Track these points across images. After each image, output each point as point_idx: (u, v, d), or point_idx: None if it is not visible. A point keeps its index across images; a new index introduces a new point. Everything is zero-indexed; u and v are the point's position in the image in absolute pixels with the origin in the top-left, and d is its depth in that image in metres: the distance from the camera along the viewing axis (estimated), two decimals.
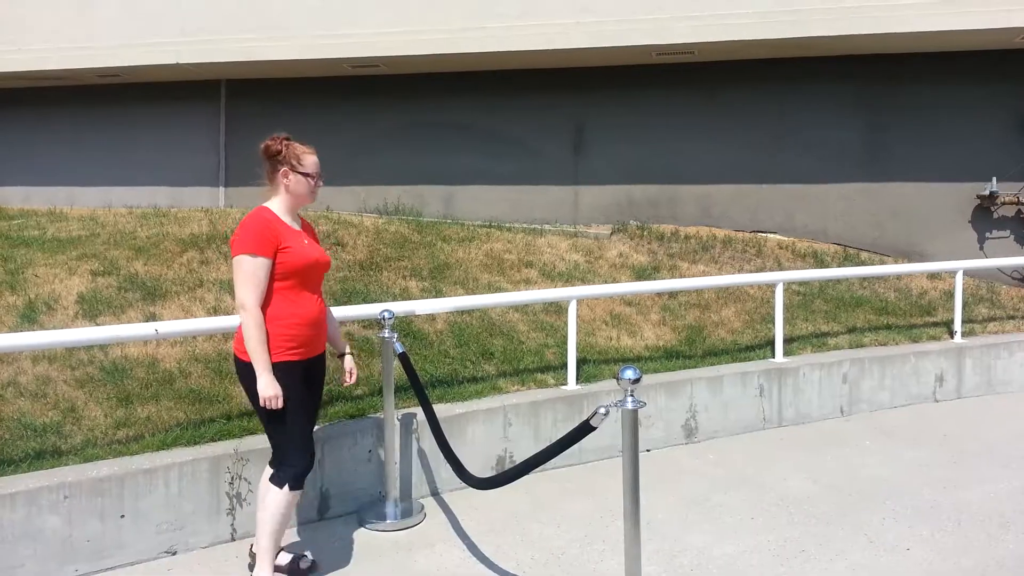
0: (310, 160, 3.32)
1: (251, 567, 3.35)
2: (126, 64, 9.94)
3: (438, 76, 10.24)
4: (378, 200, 10.33)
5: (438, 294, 6.16)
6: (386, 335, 4.11)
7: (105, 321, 5.11)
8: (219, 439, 4.04)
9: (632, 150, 9.84)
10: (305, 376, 3.25)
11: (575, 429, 2.92)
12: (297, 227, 3.33)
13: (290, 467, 3.21)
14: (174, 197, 11.01)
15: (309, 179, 3.31)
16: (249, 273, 3.08)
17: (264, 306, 3.14)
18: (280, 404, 3.08)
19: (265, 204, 3.32)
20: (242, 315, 3.08)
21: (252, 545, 3.48)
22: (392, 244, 7.04)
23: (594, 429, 2.85)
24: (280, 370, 3.14)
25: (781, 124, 9.49)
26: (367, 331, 5.46)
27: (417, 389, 3.91)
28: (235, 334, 3.25)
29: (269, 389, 3.08)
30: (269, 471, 3.31)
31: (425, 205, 10.22)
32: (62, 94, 11.33)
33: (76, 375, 4.48)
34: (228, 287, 5.75)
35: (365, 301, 5.79)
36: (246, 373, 3.16)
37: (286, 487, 3.21)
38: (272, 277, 3.15)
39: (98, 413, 4.18)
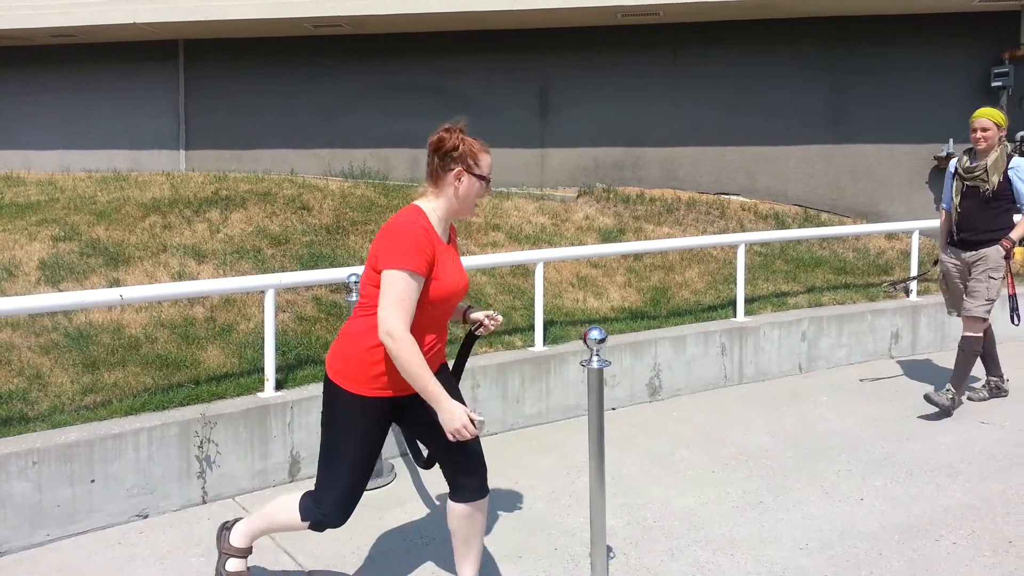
0: (487, 160, 2.71)
1: (227, 528, 2.98)
2: (80, 24, 9.69)
3: (402, 37, 10.13)
4: (343, 163, 10.26)
5: None
6: (353, 299, 4.13)
7: (68, 287, 5.06)
8: (187, 403, 4.06)
9: (598, 113, 9.85)
10: (390, 415, 2.74)
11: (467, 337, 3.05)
12: (446, 239, 2.74)
13: (320, 512, 2.71)
14: (133, 160, 10.82)
15: (483, 183, 2.71)
16: (403, 293, 2.49)
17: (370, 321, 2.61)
18: (469, 430, 2.51)
19: (419, 204, 2.68)
20: (388, 343, 2.48)
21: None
22: (359, 208, 7.02)
23: (476, 339, 3.02)
24: (354, 405, 2.64)
25: (744, 87, 9.56)
26: (335, 295, 5.47)
27: None
28: (332, 348, 2.72)
29: (456, 419, 2.49)
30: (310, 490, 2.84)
31: (391, 168, 10.17)
32: (15, 55, 11.01)
33: (40, 342, 4.45)
34: (192, 252, 5.72)
35: (332, 265, 5.79)
36: (332, 395, 2.68)
37: (306, 523, 2.74)
38: None
39: (64, 379, 4.17)
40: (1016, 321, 5.21)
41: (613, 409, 5.34)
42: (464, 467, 2.79)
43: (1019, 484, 4.06)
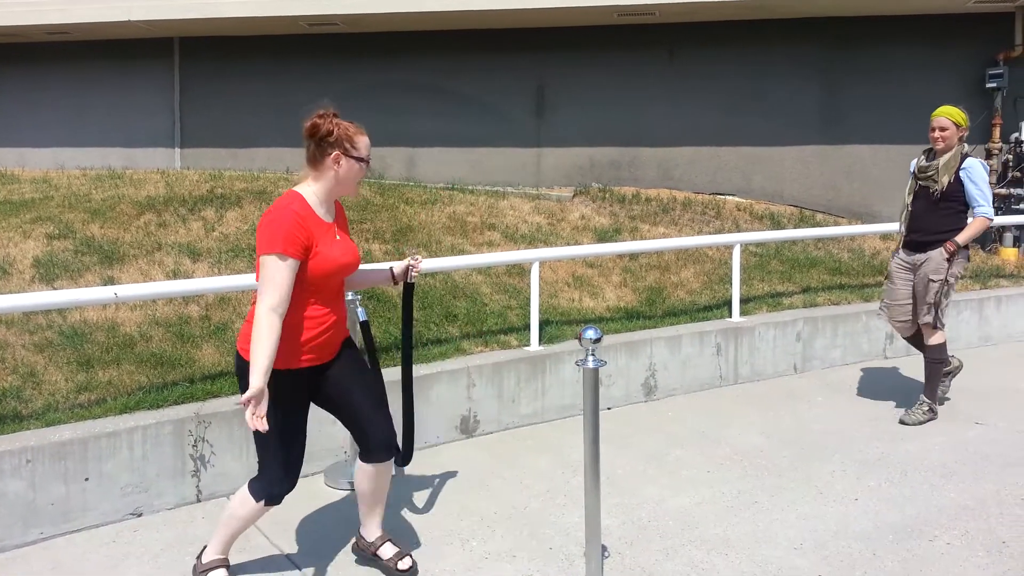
0: (364, 142, 2.90)
1: (198, 557, 3.13)
2: (76, 21, 9.66)
3: (398, 36, 10.12)
4: None
5: (401, 257, 6.18)
6: (348, 298, 4.12)
7: (62, 285, 5.04)
8: (182, 402, 4.05)
9: (594, 112, 9.85)
10: (313, 383, 2.93)
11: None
12: (330, 218, 2.89)
13: (267, 489, 2.88)
14: (128, 158, 10.79)
15: (363, 165, 2.88)
16: (273, 275, 2.66)
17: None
18: (260, 420, 2.56)
19: (298, 190, 2.83)
20: (257, 317, 2.64)
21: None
22: (354, 207, 7.02)
23: (412, 285, 3.30)
24: (279, 379, 2.76)
25: (741, 87, 9.57)
26: None
27: (372, 360, 3.77)
28: (241, 330, 2.87)
29: (248, 404, 2.56)
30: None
31: (387, 167, 10.16)
32: (11, 52, 10.97)
33: (35, 340, 4.43)
34: (187, 250, 5.71)
35: None
36: (245, 371, 2.77)
37: (262, 502, 2.90)
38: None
39: (58, 377, 4.16)
40: (940, 326, 5.10)
41: (608, 409, 5.34)
42: (369, 430, 3.01)
43: (1013, 484, 4.07)
